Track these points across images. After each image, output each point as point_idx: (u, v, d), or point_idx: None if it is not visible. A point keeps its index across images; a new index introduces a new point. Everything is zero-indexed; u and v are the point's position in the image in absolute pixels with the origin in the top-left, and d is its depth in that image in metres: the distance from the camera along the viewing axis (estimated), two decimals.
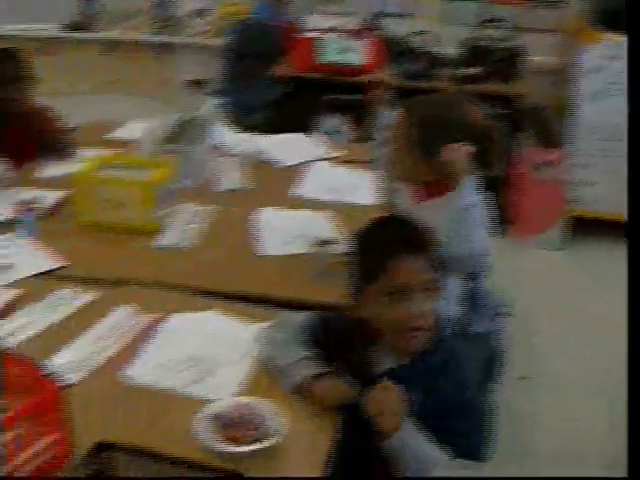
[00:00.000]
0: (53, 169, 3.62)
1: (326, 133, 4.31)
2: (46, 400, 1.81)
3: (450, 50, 5.62)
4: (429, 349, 2.04)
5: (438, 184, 2.50)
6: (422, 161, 2.50)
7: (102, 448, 1.89)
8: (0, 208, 3.14)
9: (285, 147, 3.92)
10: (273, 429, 1.91)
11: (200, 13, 6.10)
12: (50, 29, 6.16)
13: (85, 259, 2.82)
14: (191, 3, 6.12)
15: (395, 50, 5.53)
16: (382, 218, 2.20)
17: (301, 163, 3.73)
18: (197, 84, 5.99)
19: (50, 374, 1.89)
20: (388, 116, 2.59)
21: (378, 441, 1.94)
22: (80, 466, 1.77)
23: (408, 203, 2.61)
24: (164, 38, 6.06)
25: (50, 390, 1.82)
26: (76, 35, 6.14)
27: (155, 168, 3.07)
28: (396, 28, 5.82)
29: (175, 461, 1.84)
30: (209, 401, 2.02)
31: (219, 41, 5.86)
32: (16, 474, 1.77)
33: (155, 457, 1.80)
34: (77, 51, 6.17)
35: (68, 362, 2.20)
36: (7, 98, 3.68)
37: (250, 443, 1.88)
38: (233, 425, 1.93)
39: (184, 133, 3.45)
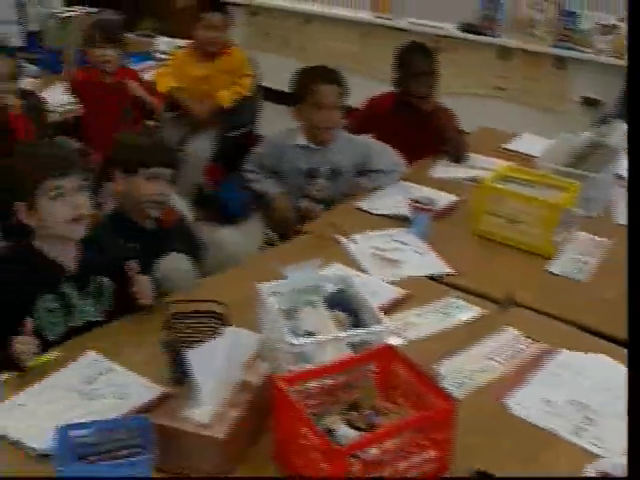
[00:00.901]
0: (446, 170, 3.59)
1: None
2: (440, 416, 1.75)
3: None
4: None
5: None
6: None
7: (478, 476, 1.80)
8: (396, 202, 3.17)
9: None
10: None
11: (606, 29, 5.82)
12: (448, 28, 6.18)
13: (474, 270, 2.74)
14: (597, 18, 5.84)
15: None
16: None
17: None
18: (593, 103, 5.73)
19: (443, 388, 1.83)
20: None
21: None
22: None
23: None
24: (563, 51, 5.85)
25: (445, 406, 1.75)
26: (473, 37, 6.10)
27: (558, 189, 2.92)
28: None
29: None
30: (593, 454, 1.87)
31: (623, 61, 5.54)
32: None
33: None
34: (472, 53, 6.15)
35: (452, 376, 2.13)
36: (414, 93, 3.69)
37: None
38: None
39: (590, 157, 3.26)
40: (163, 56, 5.63)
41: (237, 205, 4.82)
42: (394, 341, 2.15)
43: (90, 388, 2.08)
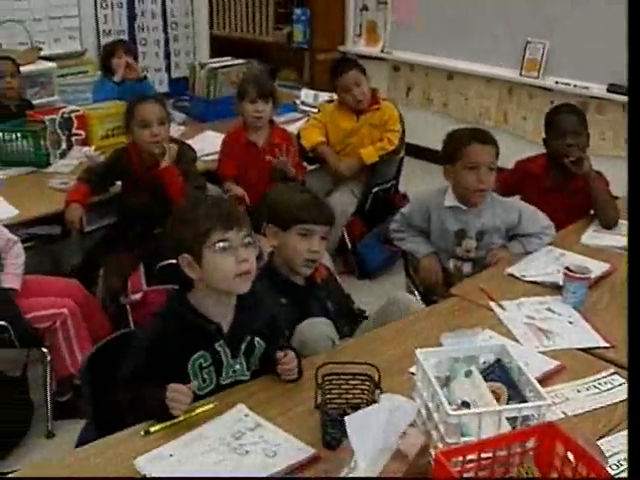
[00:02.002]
0: (597, 237, 3.49)
1: None
2: None
3: None
4: None
5: None
6: None
7: None
8: (547, 268, 3.12)
9: None
10: None
11: None
12: (594, 88, 6.05)
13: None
14: None
15: None
16: None
17: None
18: None
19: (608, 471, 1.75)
20: None
21: None
22: None
23: None
24: None
25: None
26: (621, 98, 5.95)
27: None
28: None
29: None
30: None
31: None
32: None
33: None
34: (619, 114, 5.99)
35: (613, 457, 2.04)
36: (566, 155, 3.60)
37: None
38: None
39: None
40: (306, 108, 5.71)
41: (376, 261, 4.83)
42: (551, 416, 2.08)
43: (239, 443, 2.07)
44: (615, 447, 2.08)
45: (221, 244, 2.20)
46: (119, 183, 4.08)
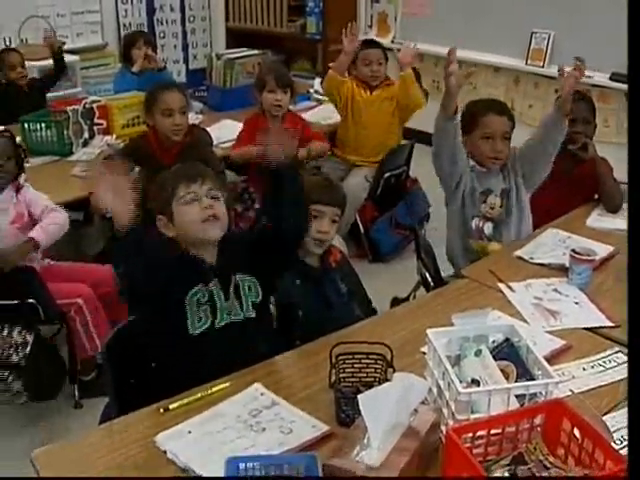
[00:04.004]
0: (602, 220, 3.56)
1: None
2: (610, 478, 1.71)
3: None
4: None
5: None
6: None
7: None
8: (553, 251, 3.18)
9: None
10: None
11: None
12: (597, 77, 6.04)
13: None
14: None
15: None
16: None
17: None
18: None
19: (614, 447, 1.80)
20: None
21: None
22: None
23: None
24: None
25: (617, 467, 1.68)
26: (623, 87, 5.95)
27: None
28: None
29: None
30: None
31: None
32: None
33: None
34: (622, 102, 5.98)
35: (617, 433, 2.10)
36: (572, 140, 3.64)
37: None
38: None
39: None
40: (320, 97, 5.78)
41: (388, 245, 4.89)
42: (558, 394, 2.14)
43: (255, 420, 2.12)
44: (619, 423, 2.13)
45: (187, 196, 2.35)
46: (137, 169, 4.14)
